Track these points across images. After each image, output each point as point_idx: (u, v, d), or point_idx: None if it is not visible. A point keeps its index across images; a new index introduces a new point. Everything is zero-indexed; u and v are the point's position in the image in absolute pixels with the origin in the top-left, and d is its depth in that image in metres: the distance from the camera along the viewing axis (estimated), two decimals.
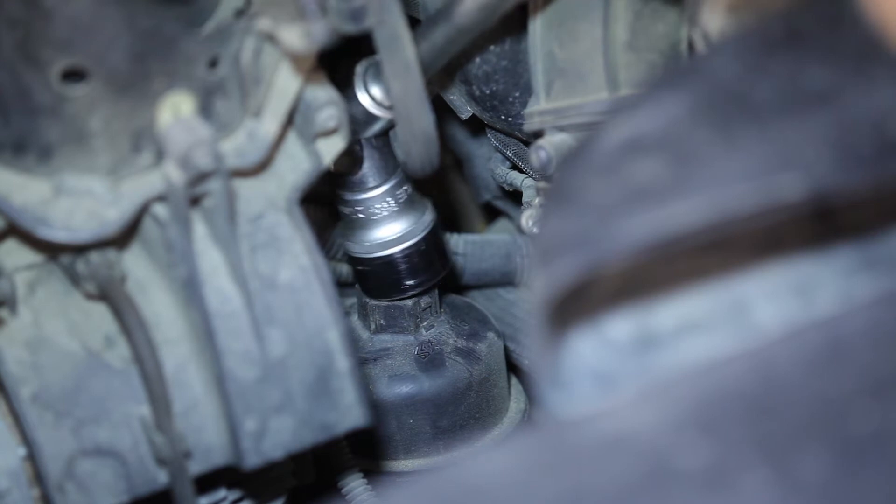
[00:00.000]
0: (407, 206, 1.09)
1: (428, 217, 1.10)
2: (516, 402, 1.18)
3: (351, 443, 1.12)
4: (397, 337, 1.13)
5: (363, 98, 1.02)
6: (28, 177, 0.84)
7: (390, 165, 1.08)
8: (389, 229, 1.09)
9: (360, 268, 1.11)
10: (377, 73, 1.01)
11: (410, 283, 1.11)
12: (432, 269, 1.11)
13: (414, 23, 0.96)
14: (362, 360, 1.11)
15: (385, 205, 1.08)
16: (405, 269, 1.10)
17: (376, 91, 1.02)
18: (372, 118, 1.03)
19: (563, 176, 0.66)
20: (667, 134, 0.63)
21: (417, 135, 0.92)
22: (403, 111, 0.91)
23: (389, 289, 1.11)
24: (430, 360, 1.11)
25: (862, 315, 0.62)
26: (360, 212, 1.09)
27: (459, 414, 1.12)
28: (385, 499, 0.74)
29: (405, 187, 1.09)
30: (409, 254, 1.10)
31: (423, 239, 1.10)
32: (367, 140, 1.06)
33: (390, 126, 1.04)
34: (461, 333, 1.14)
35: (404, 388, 1.11)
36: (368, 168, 1.07)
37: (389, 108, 1.02)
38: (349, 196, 1.09)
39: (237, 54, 0.86)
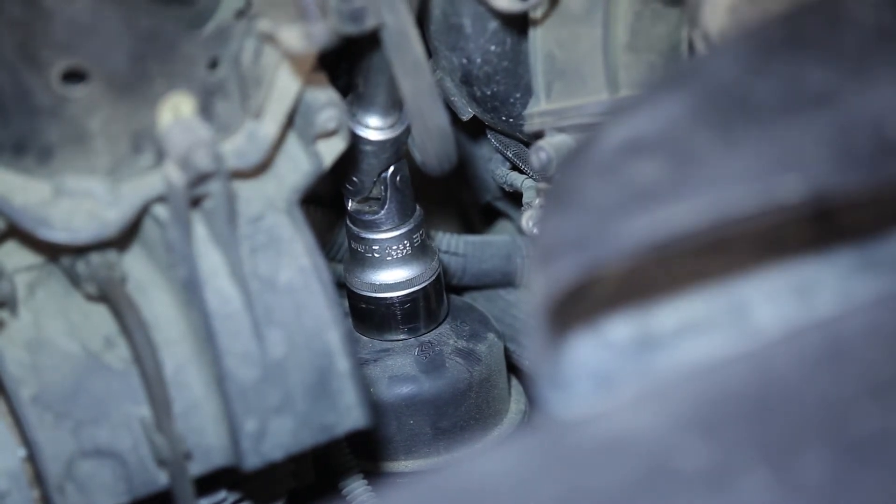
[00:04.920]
0: (419, 252, 1.09)
1: (435, 264, 1.11)
2: (516, 403, 1.18)
3: (351, 444, 1.12)
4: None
5: (365, 133, 1.02)
6: (28, 178, 0.84)
7: (410, 208, 1.08)
8: (398, 273, 1.09)
9: (360, 305, 1.11)
10: (361, 103, 1.01)
11: (406, 327, 1.11)
12: (430, 317, 1.12)
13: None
14: (362, 361, 1.11)
15: (400, 247, 1.08)
16: (404, 314, 1.10)
17: (371, 119, 1.02)
18: (384, 143, 1.03)
19: (562, 177, 0.66)
20: (666, 135, 0.63)
21: (433, 131, 0.92)
22: (416, 109, 0.91)
23: (383, 329, 1.11)
24: (430, 360, 1.11)
25: (862, 316, 0.62)
26: (375, 251, 1.09)
27: (459, 415, 1.12)
28: (385, 499, 0.74)
29: (420, 232, 1.09)
30: (412, 300, 1.10)
31: (429, 286, 1.10)
32: (392, 181, 1.06)
33: (405, 148, 1.04)
34: (461, 334, 1.14)
35: (404, 389, 1.11)
36: (390, 209, 1.07)
37: (392, 126, 1.02)
38: (366, 235, 1.08)
39: (237, 55, 0.86)
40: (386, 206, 1.07)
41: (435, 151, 0.94)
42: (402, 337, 1.11)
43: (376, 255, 1.09)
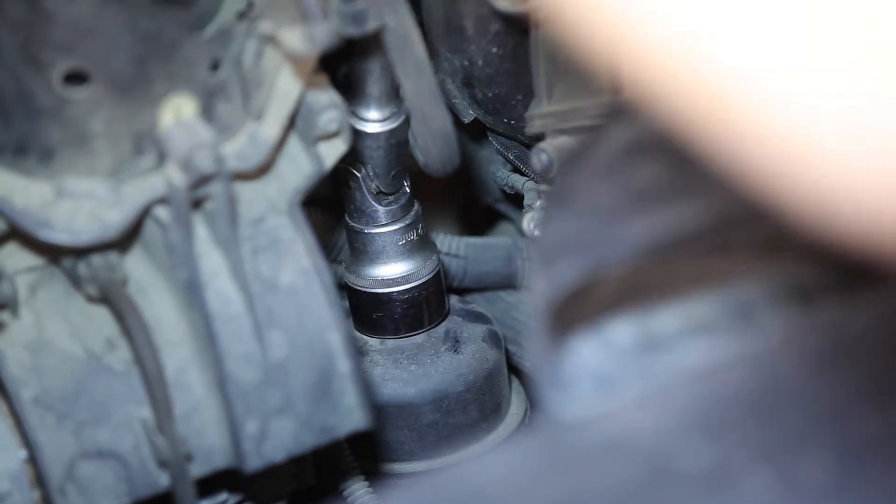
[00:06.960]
0: (418, 247, 1.09)
1: (435, 260, 1.10)
2: (517, 404, 1.18)
3: (352, 445, 1.11)
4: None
5: (368, 126, 1.02)
6: (29, 179, 0.84)
7: (410, 201, 1.08)
8: (397, 268, 1.09)
9: (361, 303, 1.11)
10: (360, 98, 1.01)
11: (405, 323, 1.11)
12: (430, 313, 1.11)
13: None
14: (402, 365, 1.11)
15: (398, 242, 1.08)
16: (403, 310, 1.10)
17: (371, 113, 1.01)
18: (386, 135, 1.03)
19: (564, 179, 0.66)
20: (668, 137, 0.63)
21: (435, 133, 0.92)
22: (419, 111, 0.91)
23: (381, 326, 1.11)
24: (466, 343, 1.12)
25: (863, 318, 0.62)
26: (374, 245, 1.08)
27: (466, 413, 1.12)
28: (385, 501, 0.74)
29: (419, 227, 1.09)
30: (411, 296, 1.10)
31: (428, 282, 1.10)
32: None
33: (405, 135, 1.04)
34: (465, 316, 1.15)
35: (485, 366, 1.11)
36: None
37: (392, 115, 1.02)
38: (364, 229, 1.08)
39: (239, 57, 0.87)
40: (408, 192, 1.06)
41: (438, 153, 0.94)
42: (404, 335, 1.11)
43: (377, 248, 1.08)
